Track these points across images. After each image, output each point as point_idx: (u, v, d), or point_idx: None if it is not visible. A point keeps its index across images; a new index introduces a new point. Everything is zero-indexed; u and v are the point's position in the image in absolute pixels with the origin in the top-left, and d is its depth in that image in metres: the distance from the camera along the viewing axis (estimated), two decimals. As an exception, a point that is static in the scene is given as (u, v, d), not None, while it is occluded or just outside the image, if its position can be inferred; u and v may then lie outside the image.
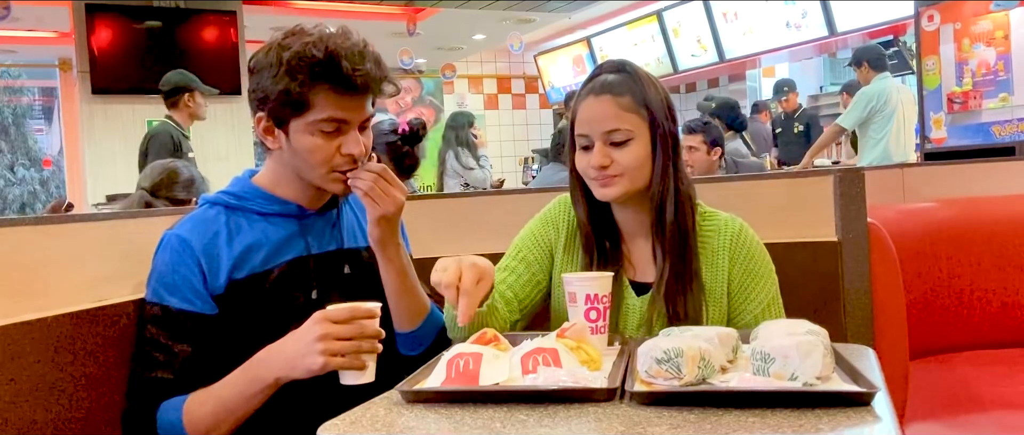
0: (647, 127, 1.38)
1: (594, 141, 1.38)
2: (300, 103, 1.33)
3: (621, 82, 1.39)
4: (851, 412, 0.91)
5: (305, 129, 1.35)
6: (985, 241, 2.21)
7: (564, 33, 9.70)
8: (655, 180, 1.39)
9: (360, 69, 1.32)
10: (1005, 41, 4.23)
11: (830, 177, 1.75)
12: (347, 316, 1.22)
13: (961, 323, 2.19)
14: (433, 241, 1.83)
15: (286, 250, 1.42)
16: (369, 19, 7.84)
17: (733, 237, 1.44)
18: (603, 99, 1.38)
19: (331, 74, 1.31)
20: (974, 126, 4.41)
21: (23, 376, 1.22)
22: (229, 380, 1.31)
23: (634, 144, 1.37)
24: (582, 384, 1.01)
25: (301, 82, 1.31)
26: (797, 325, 1.14)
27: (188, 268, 1.35)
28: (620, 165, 1.37)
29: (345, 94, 1.33)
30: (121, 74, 6.38)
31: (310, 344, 1.22)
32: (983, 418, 1.80)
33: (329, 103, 1.33)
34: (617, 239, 1.47)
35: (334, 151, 1.36)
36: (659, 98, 1.39)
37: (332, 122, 1.34)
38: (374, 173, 1.36)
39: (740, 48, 7.53)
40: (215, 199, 1.44)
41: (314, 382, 1.28)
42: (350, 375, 1.23)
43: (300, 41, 1.32)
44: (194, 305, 1.34)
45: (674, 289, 1.39)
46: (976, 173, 2.65)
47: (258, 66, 1.36)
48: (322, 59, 1.30)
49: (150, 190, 2.55)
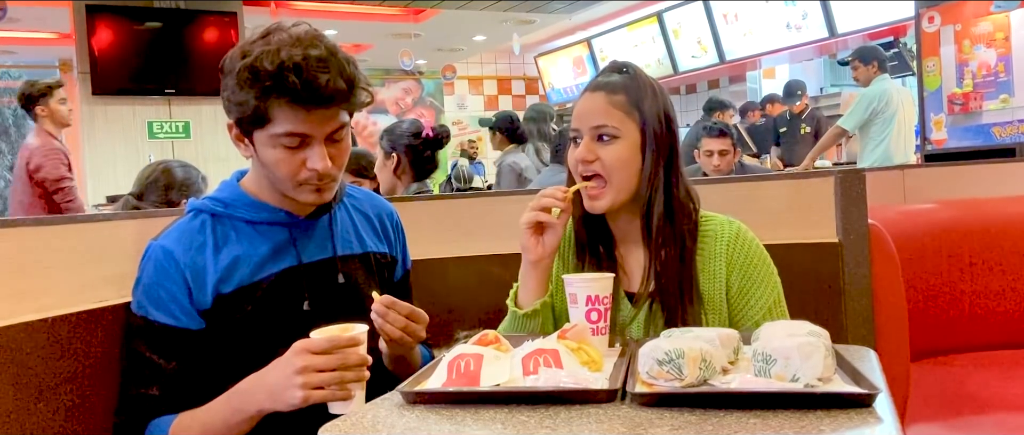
0: (637, 130, 1.37)
1: (583, 136, 1.39)
2: (259, 117, 1.26)
3: (618, 82, 1.39)
4: (853, 413, 0.91)
5: (267, 142, 1.29)
6: (986, 242, 2.21)
7: (564, 34, 9.71)
8: (643, 185, 1.37)
9: (316, 82, 1.22)
10: (1006, 42, 4.23)
11: (831, 178, 1.75)
12: (327, 346, 1.15)
13: (962, 324, 2.19)
14: (433, 242, 1.83)
15: (276, 261, 1.37)
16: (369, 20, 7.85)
17: (730, 242, 1.41)
18: (597, 95, 1.39)
19: (283, 88, 1.22)
20: (975, 127, 4.41)
21: (23, 377, 1.22)
22: (213, 407, 1.27)
23: (620, 143, 1.36)
24: (583, 385, 1.01)
25: (256, 95, 1.24)
26: (798, 326, 1.14)
27: (173, 282, 1.31)
28: (603, 163, 1.36)
29: (303, 108, 1.24)
30: (121, 75, 6.38)
31: (289, 377, 1.16)
32: (984, 419, 1.80)
33: (287, 117, 1.25)
34: (611, 246, 1.46)
35: (299, 165, 1.29)
36: (656, 104, 1.38)
37: (293, 137, 1.27)
38: (402, 321, 1.30)
39: (740, 49, 7.53)
40: (201, 206, 1.39)
41: None
42: (338, 405, 1.17)
43: (259, 49, 1.24)
44: (180, 321, 1.31)
45: (672, 301, 1.37)
46: (977, 174, 2.65)
47: (224, 71, 1.29)
48: (272, 72, 1.22)
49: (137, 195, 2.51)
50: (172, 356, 1.31)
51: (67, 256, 1.36)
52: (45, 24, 7.42)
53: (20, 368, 1.22)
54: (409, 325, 1.31)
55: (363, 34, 8.54)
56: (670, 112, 1.40)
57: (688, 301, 1.37)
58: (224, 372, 1.30)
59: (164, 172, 2.53)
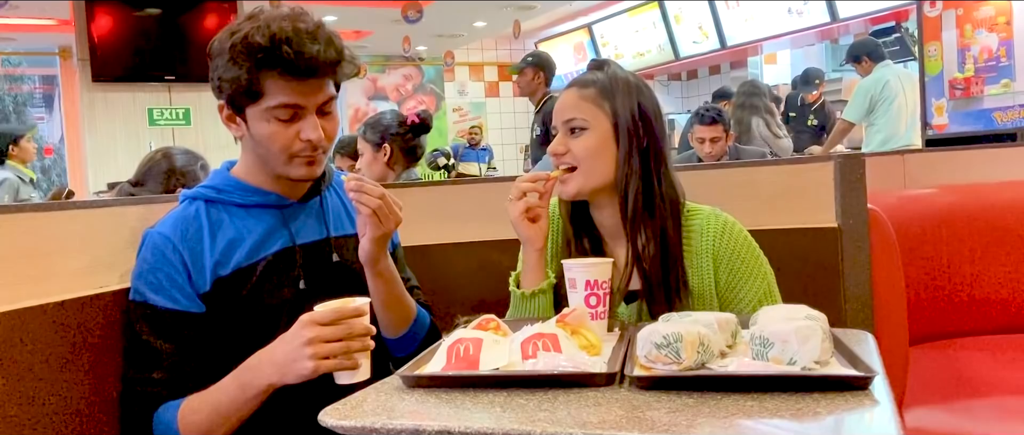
0: (609, 122, 1.40)
1: (558, 130, 1.44)
2: (252, 91, 1.30)
3: (592, 78, 1.44)
4: (849, 396, 0.92)
5: (261, 116, 1.33)
6: (986, 227, 2.21)
7: (565, 20, 9.67)
8: (619, 176, 1.40)
9: (307, 52, 1.28)
10: (1007, 27, 4.21)
11: (830, 163, 1.75)
12: (334, 317, 1.19)
13: (961, 309, 2.20)
14: (427, 228, 1.83)
15: (270, 242, 1.39)
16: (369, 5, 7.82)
17: (716, 237, 1.42)
18: (570, 92, 1.44)
19: (276, 60, 1.27)
20: (976, 112, 4.39)
21: (25, 361, 1.23)
22: (222, 386, 1.29)
23: (589, 134, 1.41)
24: (582, 369, 1.01)
25: (248, 69, 1.28)
26: (796, 310, 1.14)
27: (172, 267, 1.33)
28: (573, 154, 1.41)
29: (295, 79, 1.29)
30: (121, 62, 6.38)
31: (298, 350, 1.19)
32: (983, 403, 1.81)
33: (280, 89, 1.30)
34: (599, 242, 1.49)
35: (293, 137, 1.33)
36: (629, 99, 1.40)
37: (286, 109, 1.31)
38: (378, 193, 1.34)
39: (741, 35, 7.50)
40: (194, 193, 1.41)
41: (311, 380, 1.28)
42: (344, 375, 1.21)
43: (249, 26, 1.29)
44: (180, 304, 1.33)
45: (660, 295, 1.39)
46: (977, 159, 2.64)
47: (213, 53, 1.34)
48: (265, 45, 1.27)
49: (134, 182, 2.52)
50: (174, 339, 1.33)
51: (67, 242, 1.37)
52: (45, 11, 7.39)
53: (21, 353, 1.23)
54: (385, 201, 1.34)
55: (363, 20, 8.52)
56: (647, 106, 1.42)
57: (675, 295, 1.39)
58: (224, 355, 1.32)
59: (165, 157, 2.53)
